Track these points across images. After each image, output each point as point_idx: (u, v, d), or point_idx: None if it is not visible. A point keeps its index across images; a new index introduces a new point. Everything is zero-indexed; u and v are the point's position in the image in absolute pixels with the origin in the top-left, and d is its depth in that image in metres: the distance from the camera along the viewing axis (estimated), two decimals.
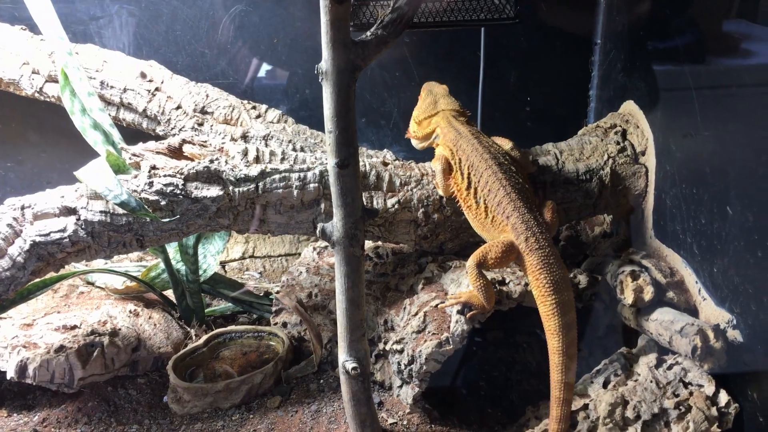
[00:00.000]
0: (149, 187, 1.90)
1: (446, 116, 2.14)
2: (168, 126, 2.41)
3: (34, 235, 1.85)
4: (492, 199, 1.93)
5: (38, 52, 2.36)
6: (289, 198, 2.00)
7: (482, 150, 1.99)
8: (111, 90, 2.38)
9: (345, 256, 1.67)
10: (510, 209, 1.89)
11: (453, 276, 2.11)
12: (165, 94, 2.41)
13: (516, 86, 2.69)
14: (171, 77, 2.44)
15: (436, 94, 2.23)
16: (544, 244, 1.84)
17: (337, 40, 1.44)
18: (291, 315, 2.43)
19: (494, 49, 2.52)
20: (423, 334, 1.95)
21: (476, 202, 1.97)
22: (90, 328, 2.20)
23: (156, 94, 2.40)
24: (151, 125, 2.45)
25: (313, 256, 2.55)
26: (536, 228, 1.86)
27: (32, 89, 2.37)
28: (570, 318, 1.77)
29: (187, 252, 2.35)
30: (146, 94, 2.40)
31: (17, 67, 2.36)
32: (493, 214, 1.93)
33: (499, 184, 1.92)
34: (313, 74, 2.64)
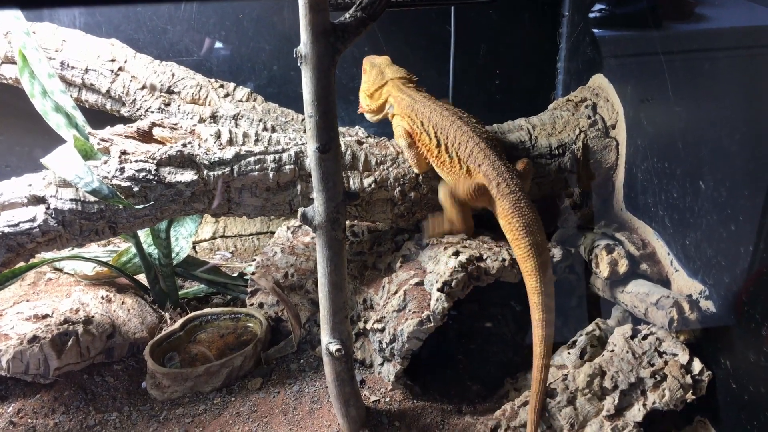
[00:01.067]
0: (120, 173, 1.85)
1: (396, 84, 2.17)
2: (133, 107, 2.34)
3: (2, 225, 1.79)
4: (463, 151, 1.99)
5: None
6: (264, 180, 1.98)
7: (440, 109, 2.06)
8: (72, 71, 2.30)
9: (327, 240, 1.66)
10: (481, 157, 1.95)
11: (431, 253, 2.12)
12: (129, 74, 2.33)
13: (485, 60, 2.68)
14: (134, 56, 2.36)
15: (380, 65, 2.25)
16: (515, 189, 1.90)
17: (317, 24, 1.41)
18: (267, 296, 2.42)
19: (464, 23, 2.51)
20: (403, 313, 1.97)
21: (449, 156, 2.02)
22: (63, 316, 2.15)
23: (119, 74, 2.33)
24: (115, 106, 2.38)
25: (287, 235, 2.54)
26: (507, 174, 1.92)
27: None
28: (545, 258, 1.84)
29: (159, 236, 2.31)
30: (109, 75, 2.32)
31: None
32: (466, 164, 1.99)
33: (467, 136, 1.99)
34: (280, 50, 2.60)
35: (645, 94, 2.08)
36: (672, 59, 1.92)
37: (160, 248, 2.34)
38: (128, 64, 2.33)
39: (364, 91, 2.26)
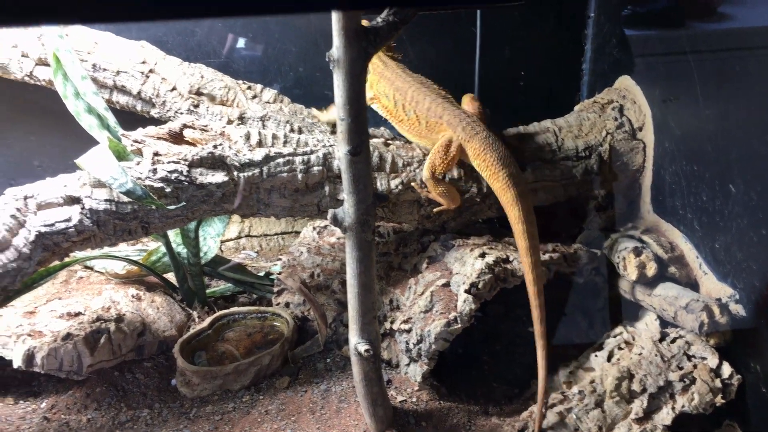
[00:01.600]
0: (153, 174, 1.88)
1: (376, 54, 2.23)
2: (163, 108, 2.37)
3: (39, 225, 1.83)
4: (421, 108, 2.11)
5: (27, 34, 2.30)
6: (293, 181, 2.00)
7: (405, 75, 2.18)
8: (104, 73, 2.34)
9: (357, 242, 1.68)
10: (440, 110, 2.07)
11: (457, 255, 2.13)
12: (159, 76, 2.37)
13: (510, 61, 2.68)
14: (164, 58, 2.40)
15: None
16: (479, 128, 2.01)
17: (349, 28, 1.43)
18: (293, 295, 2.45)
19: (489, 25, 2.51)
20: (430, 314, 1.98)
21: (406, 115, 2.14)
22: (95, 314, 2.19)
23: (150, 76, 2.36)
24: (145, 108, 2.41)
25: (313, 235, 2.56)
26: (468, 118, 2.04)
27: (22, 73, 2.32)
28: (522, 188, 1.93)
29: (189, 235, 2.34)
30: (140, 77, 2.35)
31: (6, 50, 2.29)
32: (426, 120, 2.10)
33: (424, 94, 2.11)
34: (306, 52, 2.62)
35: (673, 96, 2.07)
36: (701, 60, 1.92)
37: (189, 248, 2.37)
38: (158, 66, 2.37)
39: None
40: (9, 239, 1.81)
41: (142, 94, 2.37)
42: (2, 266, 1.80)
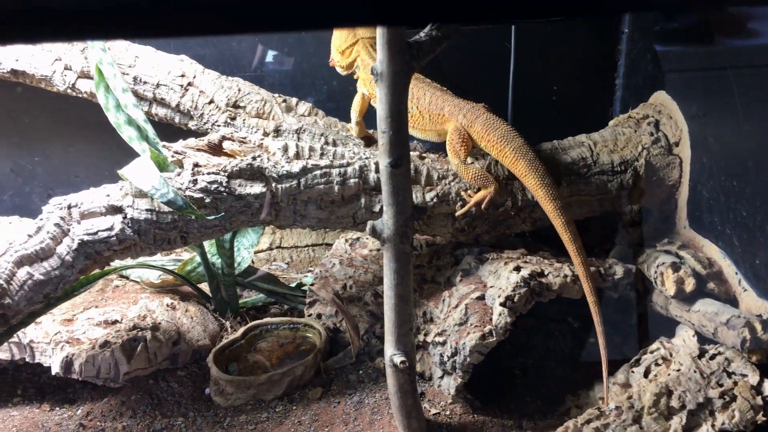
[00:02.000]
0: (193, 184, 1.91)
1: (365, 46, 2.30)
2: (201, 121, 2.42)
3: (82, 233, 1.86)
4: (423, 104, 2.19)
5: (70, 48, 2.36)
6: (330, 193, 2.02)
7: None
8: (144, 86, 2.39)
9: (395, 253, 1.69)
10: (440, 102, 2.16)
11: (491, 268, 2.13)
12: (197, 89, 2.41)
13: (543, 77, 2.69)
14: (203, 72, 2.44)
15: None
16: (479, 112, 2.11)
17: (393, 42, 1.45)
18: (325, 306, 2.46)
19: (523, 40, 2.52)
20: (465, 327, 1.98)
21: (410, 112, 2.15)
22: (132, 322, 2.22)
23: (188, 89, 2.41)
24: (183, 120, 2.46)
25: (345, 247, 2.58)
26: (467, 105, 2.14)
27: (65, 85, 2.38)
28: (531, 157, 2.02)
29: (224, 246, 2.37)
30: (179, 90, 2.40)
31: (49, 63, 2.35)
32: (429, 114, 2.19)
33: (423, 90, 2.20)
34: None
35: (711, 111, 2.07)
36: (740, 75, 1.91)
37: (223, 258, 2.40)
38: (197, 80, 2.41)
39: (337, 48, 2.37)
40: (53, 247, 1.85)
41: (181, 107, 2.41)
42: (45, 273, 1.83)
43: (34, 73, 2.34)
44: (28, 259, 1.82)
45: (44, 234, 1.84)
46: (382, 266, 2.44)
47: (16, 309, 1.83)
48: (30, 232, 1.84)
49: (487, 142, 2.08)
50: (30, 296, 1.83)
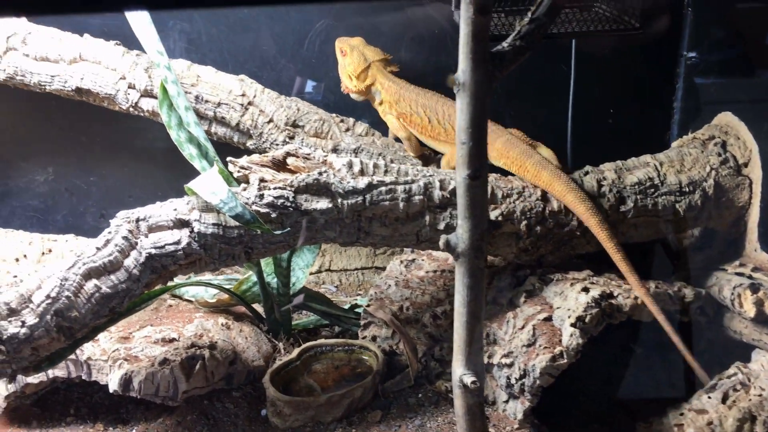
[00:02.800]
0: (260, 199, 1.91)
1: (380, 69, 2.44)
2: (260, 140, 2.42)
3: (150, 247, 1.85)
4: (443, 116, 2.33)
5: (135, 66, 2.39)
6: (394, 210, 2.00)
7: (422, 91, 2.40)
8: (205, 104, 2.41)
9: (469, 268, 1.65)
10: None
11: (556, 289, 2.09)
12: (257, 108, 2.43)
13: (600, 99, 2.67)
14: (263, 91, 2.46)
15: (358, 47, 2.46)
16: (501, 132, 2.25)
17: (477, 52, 1.43)
18: (381, 329, 2.42)
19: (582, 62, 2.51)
20: (533, 348, 1.93)
21: (443, 129, 2.35)
22: (189, 340, 2.20)
23: (249, 108, 2.42)
24: (241, 139, 2.47)
25: (400, 269, 2.54)
26: (492, 125, 2.24)
27: (127, 104, 2.40)
28: (552, 167, 2.12)
29: (281, 265, 2.35)
30: (240, 109, 2.41)
31: (114, 82, 2.38)
32: (450, 125, 2.32)
33: (452, 108, 2.28)
34: None
35: None
36: None
37: (279, 277, 2.38)
38: (257, 99, 2.43)
39: (349, 73, 2.45)
40: (120, 260, 1.84)
41: (241, 126, 2.43)
42: (112, 287, 1.83)
43: (98, 91, 2.37)
44: (95, 271, 1.81)
45: (112, 247, 1.83)
46: (439, 288, 2.42)
47: (82, 322, 1.82)
48: (98, 244, 1.84)
49: (507, 158, 2.19)
50: (96, 310, 1.82)
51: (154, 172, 2.87)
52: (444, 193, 2.05)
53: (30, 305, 1.75)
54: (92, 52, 2.38)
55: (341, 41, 2.49)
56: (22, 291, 1.76)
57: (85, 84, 2.36)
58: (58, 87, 2.36)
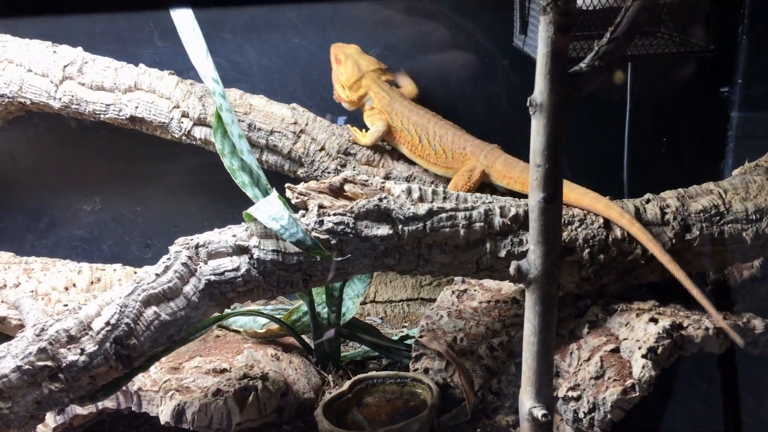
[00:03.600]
0: (319, 225, 1.87)
1: (373, 79, 2.45)
2: (311, 168, 2.41)
3: (209, 274, 1.82)
4: (446, 142, 2.38)
5: (189, 95, 2.40)
6: (455, 237, 1.96)
7: (415, 107, 2.44)
8: (258, 132, 2.40)
9: (541, 295, 1.60)
10: (462, 141, 2.38)
11: (621, 320, 2.02)
12: (309, 137, 2.42)
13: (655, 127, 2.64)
14: (314, 119, 2.46)
15: (353, 56, 2.47)
16: (498, 153, 2.35)
17: (556, 72, 1.41)
18: (433, 360, 2.36)
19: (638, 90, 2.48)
20: (602, 381, 1.86)
21: (433, 150, 2.38)
22: (241, 371, 2.15)
23: (300, 136, 2.41)
24: (292, 167, 2.46)
25: (452, 299, 2.49)
26: (486, 145, 2.37)
27: (180, 132, 2.40)
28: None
29: (333, 294, 2.31)
30: (292, 137, 2.41)
31: (167, 110, 2.39)
32: (451, 152, 2.37)
33: (444, 130, 2.39)
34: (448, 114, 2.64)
35: None
36: None
37: (330, 307, 2.33)
38: (308, 127, 2.42)
39: (342, 82, 2.46)
40: (180, 287, 1.81)
41: (292, 154, 2.42)
42: (171, 314, 1.79)
43: (152, 120, 2.38)
44: (155, 298, 1.78)
45: (172, 273, 1.80)
46: (494, 319, 2.36)
47: (141, 350, 1.78)
48: (157, 271, 1.81)
49: (510, 179, 2.30)
50: (155, 337, 1.79)
51: (200, 201, 2.87)
52: (504, 220, 2.00)
53: (89, 332, 1.72)
54: (147, 81, 2.39)
55: (336, 48, 2.49)
56: (81, 318, 1.74)
57: (139, 112, 2.37)
58: (112, 116, 2.37)
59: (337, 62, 2.48)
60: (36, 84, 2.34)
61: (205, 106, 2.39)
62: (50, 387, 1.68)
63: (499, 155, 2.34)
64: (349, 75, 2.43)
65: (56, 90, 2.34)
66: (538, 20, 2.03)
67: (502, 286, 2.45)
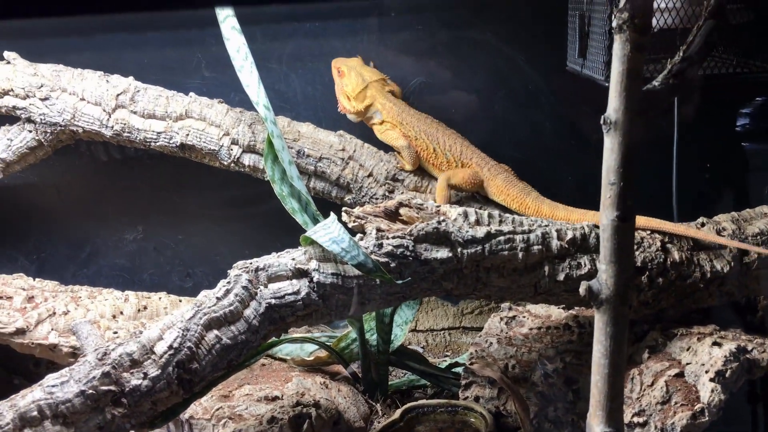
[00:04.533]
0: (378, 248, 1.87)
1: (379, 90, 2.48)
2: (359, 194, 2.41)
3: (270, 297, 1.81)
4: (455, 152, 2.43)
5: (239, 123, 2.42)
6: (513, 260, 1.94)
7: (422, 116, 2.48)
8: (307, 159, 2.42)
9: (613, 317, 1.57)
10: (469, 153, 2.44)
11: (682, 344, 1.99)
12: (357, 163, 2.43)
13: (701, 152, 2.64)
14: (362, 146, 2.47)
15: (355, 68, 2.50)
16: (501, 169, 2.42)
17: (631, 90, 1.41)
18: (484, 388, 2.32)
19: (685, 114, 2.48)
20: (669, 406, 1.82)
21: (446, 158, 2.43)
22: (293, 399, 2.12)
23: (349, 163, 2.42)
24: (340, 194, 2.46)
25: (501, 326, 2.46)
26: (491, 160, 2.44)
27: (230, 159, 2.42)
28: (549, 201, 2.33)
29: (383, 320, 2.29)
30: (340, 163, 2.42)
31: (217, 137, 2.41)
32: (460, 162, 2.43)
33: (452, 140, 2.45)
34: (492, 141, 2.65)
35: None
36: None
37: (381, 334, 2.31)
38: (356, 153, 2.44)
39: (348, 93, 2.48)
40: (240, 310, 1.80)
41: (341, 180, 2.42)
42: (232, 338, 1.78)
43: (202, 147, 2.40)
44: (216, 322, 1.77)
45: (233, 297, 1.79)
46: (547, 345, 2.32)
47: (202, 375, 1.76)
48: (218, 294, 1.80)
49: (507, 195, 2.38)
50: (216, 362, 1.77)
51: (241, 231, 2.87)
52: (562, 243, 1.99)
53: (152, 356, 1.70)
54: (198, 109, 2.42)
55: (338, 61, 2.52)
56: (143, 341, 1.72)
57: (189, 140, 2.38)
58: (163, 143, 2.39)
59: (340, 75, 2.50)
60: (89, 112, 2.37)
61: (255, 134, 2.41)
62: (113, 412, 1.66)
63: (500, 172, 2.41)
64: (354, 85, 2.46)
65: (108, 118, 2.37)
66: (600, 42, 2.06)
67: (551, 312, 2.43)
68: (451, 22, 2.59)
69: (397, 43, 2.63)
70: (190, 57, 2.60)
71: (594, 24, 2.05)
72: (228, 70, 2.41)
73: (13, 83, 2.36)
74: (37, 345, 2.19)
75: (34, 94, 2.35)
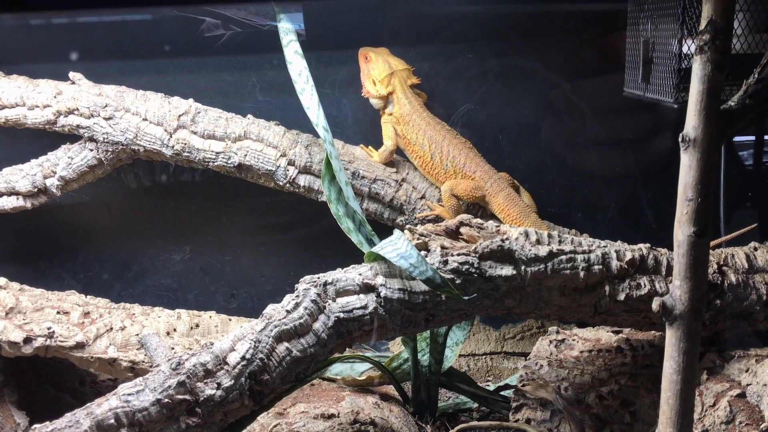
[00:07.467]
0: (444, 265, 1.90)
1: (401, 81, 2.50)
2: (412, 215, 2.45)
3: (338, 311, 1.84)
4: (457, 163, 2.44)
5: (296, 144, 2.47)
6: (574, 280, 1.97)
7: (434, 123, 2.49)
8: (362, 180, 2.46)
9: (686, 332, 1.59)
10: (473, 166, 2.45)
11: (740, 366, 2.00)
12: (410, 185, 2.48)
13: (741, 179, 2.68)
14: (415, 168, 2.51)
15: (382, 54, 2.53)
16: (504, 186, 2.45)
17: (710, 108, 1.46)
18: (535, 411, 2.32)
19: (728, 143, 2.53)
20: (734, 425, 1.83)
21: (444, 168, 2.44)
22: (351, 416, 2.13)
23: (402, 185, 2.47)
24: (392, 215, 2.50)
25: (550, 349, 2.46)
26: (495, 176, 2.46)
27: (285, 180, 2.46)
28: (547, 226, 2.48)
29: (437, 340, 2.31)
30: (394, 185, 2.46)
31: (274, 158, 2.46)
32: (461, 173, 2.44)
33: (458, 150, 2.45)
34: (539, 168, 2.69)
35: None
36: None
37: (434, 354, 2.32)
38: (409, 176, 2.49)
39: (374, 77, 2.50)
40: (310, 324, 1.82)
41: (394, 202, 2.46)
42: (302, 350, 1.80)
43: (259, 168, 2.45)
44: (286, 334, 1.79)
45: (302, 310, 1.82)
46: (599, 367, 2.33)
47: (272, 387, 1.78)
48: (287, 308, 1.83)
49: (507, 215, 2.42)
50: (285, 374, 1.79)
51: (286, 252, 2.90)
52: (621, 264, 2.02)
53: (225, 367, 1.72)
54: (256, 130, 2.47)
55: (366, 49, 2.56)
56: (216, 352, 1.74)
57: (247, 160, 2.44)
58: (221, 163, 2.44)
59: (367, 60, 2.55)
60: (151, 132, 2.43)
61: (311, 155, 2.46)
62: (187, 422, 1.67)
63: (503, 188, 2.44)
64: (380, 70, 2.49)
65: (170, 138, 2.42)
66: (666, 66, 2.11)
67: (600, 336, 2.44)
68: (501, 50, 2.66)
69: (448, 69, 2.69)
70: (245, 81, 2.67)
71: (658, 49, 2.11)
72: (281, 94, 2.48)
73: (79, 103, 2.42)
74: (96, 359, 2.21)
75: (99, 114, 2.41)
